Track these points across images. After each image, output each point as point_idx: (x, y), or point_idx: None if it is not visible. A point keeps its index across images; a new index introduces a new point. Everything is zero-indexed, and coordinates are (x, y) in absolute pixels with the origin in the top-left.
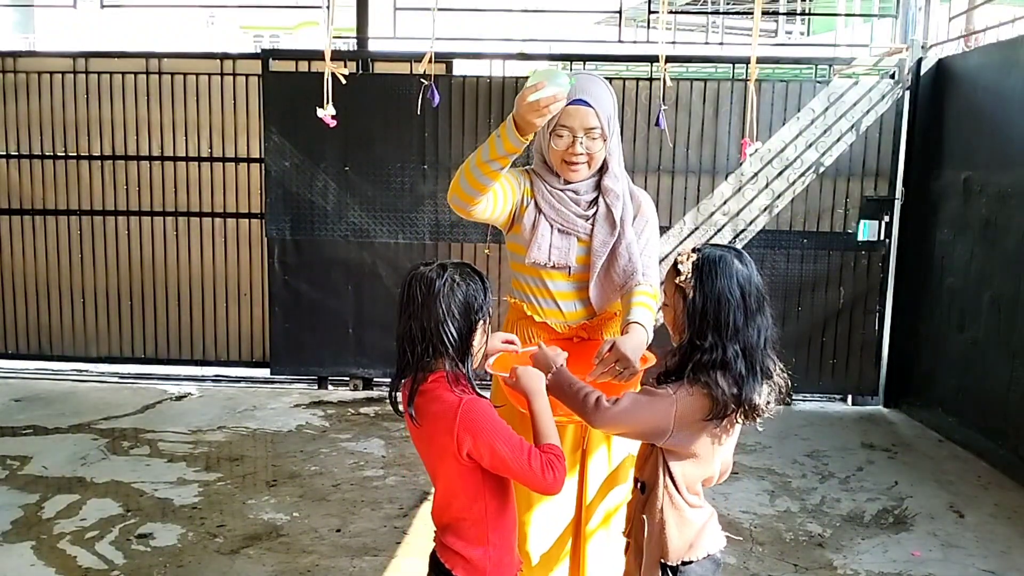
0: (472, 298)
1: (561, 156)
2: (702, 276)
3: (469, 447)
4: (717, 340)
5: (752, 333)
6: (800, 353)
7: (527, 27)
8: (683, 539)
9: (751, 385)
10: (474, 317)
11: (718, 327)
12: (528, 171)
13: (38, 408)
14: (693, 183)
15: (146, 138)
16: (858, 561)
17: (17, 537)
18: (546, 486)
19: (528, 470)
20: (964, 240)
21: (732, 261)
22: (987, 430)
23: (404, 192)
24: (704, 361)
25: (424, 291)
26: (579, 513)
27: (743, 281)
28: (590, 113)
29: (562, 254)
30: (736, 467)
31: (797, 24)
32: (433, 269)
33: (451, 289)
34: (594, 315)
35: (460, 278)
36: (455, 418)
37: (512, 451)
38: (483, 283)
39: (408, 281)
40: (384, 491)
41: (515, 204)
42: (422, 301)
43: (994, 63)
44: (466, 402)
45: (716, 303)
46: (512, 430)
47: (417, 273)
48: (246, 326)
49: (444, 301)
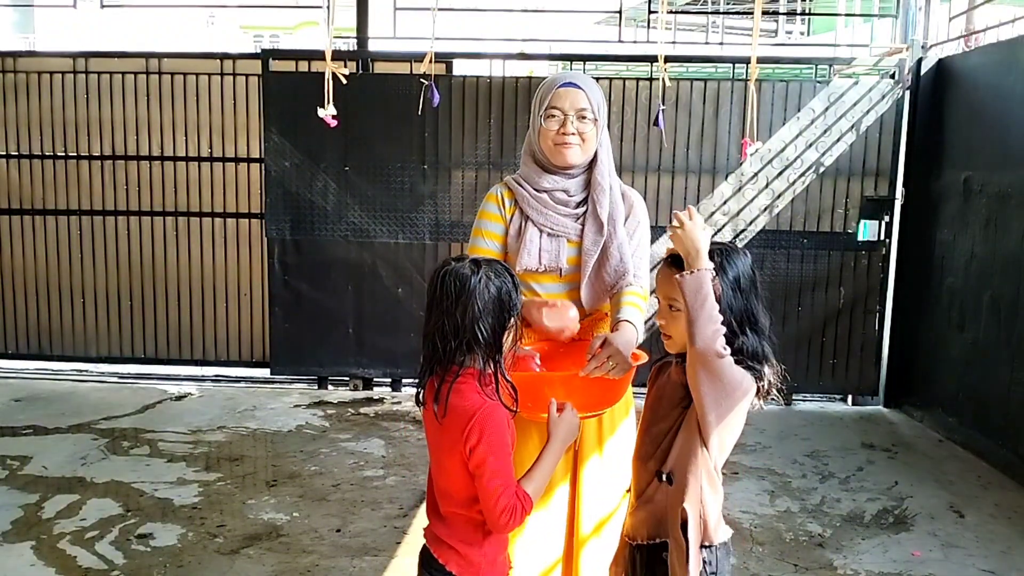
0: (506, 295)
1: (552, 138)
2: (724, 269)
3: (471, 446)
4: (751, 330)
5: (767, 321)
6: (800, 353)
7: (527, 27)
8: (715, 518)
9: (770, 368)
10: (507, 315)
11: (751, 316)
12: (505, 183)
13: (38, 408)
14: (693, 183)
15: (146, 138)
16: (858, 561)
17: (17, 537)
18: (495, 523)
19: (493, 499)
20: (964, 240)
21: (737, 250)
22: (987, 430)
23: (404, 192)
24: (751, 351)
25: (459, 287)
26: (571, 517)
27: (751, 266)
28: (580, 94)
29: (552, 257)
30: (736, 467)
31: (797, 24)
32: (466, 265)
33: (486, 286)
34: (585, 316)
35: (495, 275)
36: (471, 419)
37: (494, 473)
38: (514, 280)
39: (441, 276)
40: (384, 491)
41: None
42: (456, 297)
43: (994, 63)
44: (487, 407)
45: (742, 292)
46: (511, 458)
47: (451, 269)
48: (246, 326)
49: (480, 298)
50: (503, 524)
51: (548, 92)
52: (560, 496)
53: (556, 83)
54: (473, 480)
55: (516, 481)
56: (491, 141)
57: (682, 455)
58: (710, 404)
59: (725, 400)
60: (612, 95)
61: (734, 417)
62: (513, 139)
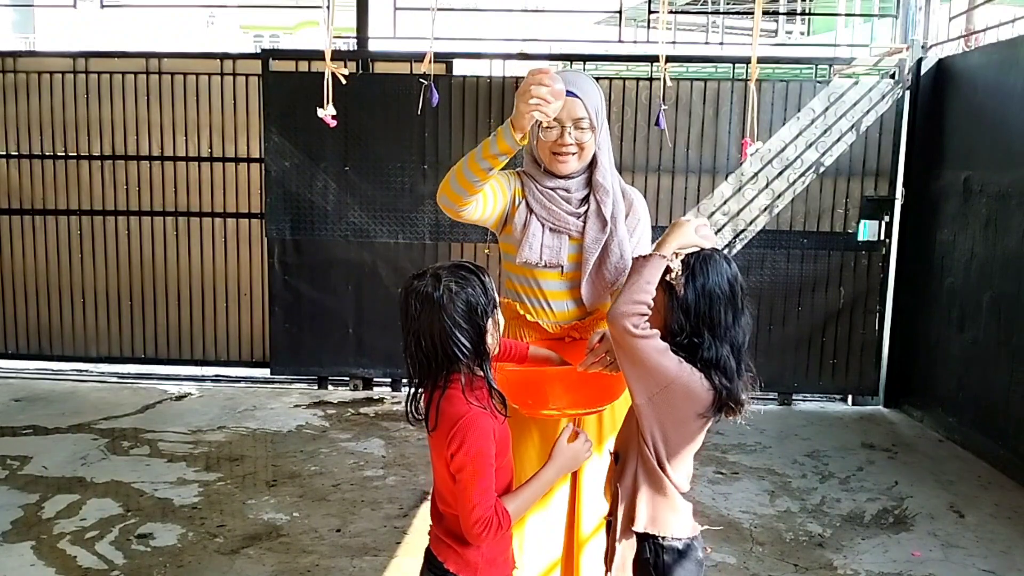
0: (474, 301)
1: (550, 148)
2: (695, 273)
3: (452, 451)
4: (712, 338)
5: (740, 332)
6: (800, 353)
7: (527, 27)
8: (655, 508)
9: (738, 383)
10: (480, 321)
11: (712, 325)
12: (518, 172)
13: (38, 408)
14: (693, 183)
15: (146, 138)
16: (858, 561)
17: (17, 537)
18: (468, 532)
19: (468, 508)
20: (964, 240)
21: (721, 260)
22: (987, 430)
23: (404, 192)
24: (706, 358)
25: (421, 306)
26: (571, 517)
27: (731, 279)
28: (577, 104)
29: (554, 253)
30: (736, 467)
31: (797, 24)
32: (427, 282)
33: (450, 300)
34: (586, 315)
35: (456, 285)
36: (454, 424)
37: (471, 482)
38: (480, 279)
39: (404, 298)
40: (384, 491)
41: (505, 205)
42: (423, 317)
43: (994, 63)
44: (471, 415)
45: (708, 300)
46: (492, 469)
47: (412, 289)
48: (246, 326)
49: (447, 314)
50: (476, 534)
51: None
52: (560, 496)
53: None
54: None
55: (496, 496)
56: None
57: (627, 438)
58: (633, 383)
59: (652, 385)
60: (612, 95)
61: (675, 414)
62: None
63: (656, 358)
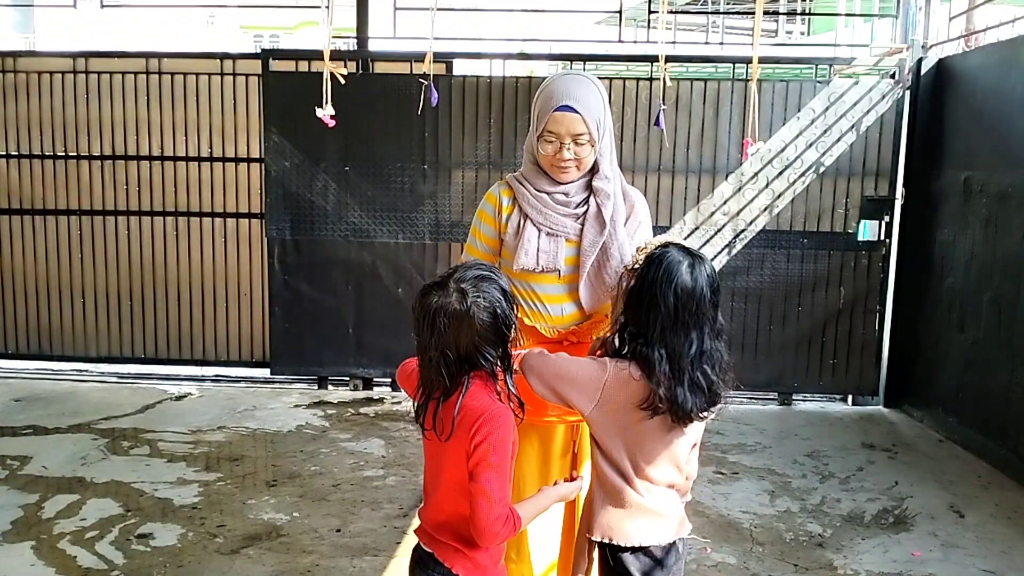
0: (502, 311)
1: (550, 160)
2: (647, 272)
3: (476, 443)
4: (645, 337)
5: (681, 342)
6: (800, 353)
7: (527, 27)
8: (610, 517)
9: (675, 391)
10: (505, 329)
11: (644, 323)
12: (507, 181)
13: (38, 408)
14: (693, 183)
15: (146, 138)
16: (858, 561)
17: (17, 537)
18: (486, 528)
19: (487, 504)
20: (964, 240)
21: (680, 272)
22: (987, 430)
23: (404, 192)
24: (638, 353)
25: (450, 322)
26: (570, 516)
27: (681, 293)
28: (576, 119)
29: (550, 257)
30: (736, 467)
31: (797, 24)
32: (453, 297)
33: (479, 314)
34: (585, 318)
35: (483, 296)
36: (479, 417)
37: (493, 476)
38: (501, 286)
39: (432, 314)
40: (384, 491)
41: (498, 233)
42: (450, 332)
43: (994, 63)
44: (498, 407)
45: (648, 302)
46: (510, 466)
47: (440, 305)
48: (246, 326)
49: (478, 328)
50: (494, 533)
51: (545, 112)
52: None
53: (552, 103)
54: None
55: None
56: (491, 141)
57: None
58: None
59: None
60: (612, 95)
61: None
62: (513, 139)
63: (575, 367)
